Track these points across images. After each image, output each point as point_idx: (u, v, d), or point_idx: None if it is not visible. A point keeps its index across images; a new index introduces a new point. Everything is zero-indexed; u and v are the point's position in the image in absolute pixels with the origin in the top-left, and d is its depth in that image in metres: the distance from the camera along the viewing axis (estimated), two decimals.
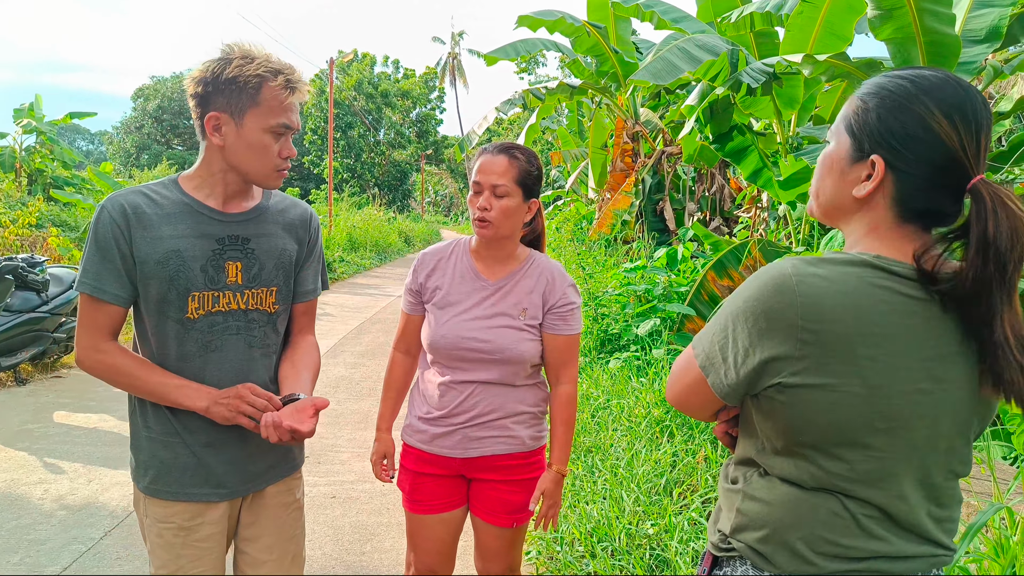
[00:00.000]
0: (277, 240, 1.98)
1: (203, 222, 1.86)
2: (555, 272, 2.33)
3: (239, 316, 1.91)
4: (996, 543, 2.39)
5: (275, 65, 1.78)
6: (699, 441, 4.51)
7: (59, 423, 5.78)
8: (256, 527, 2.04)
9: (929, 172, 1.18)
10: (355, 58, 49.92)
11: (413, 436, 2.38)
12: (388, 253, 24.95)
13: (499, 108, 11.89)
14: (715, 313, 1.28)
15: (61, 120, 15.85)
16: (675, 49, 7.31)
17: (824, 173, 1.32)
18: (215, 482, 1.92)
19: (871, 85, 1.25)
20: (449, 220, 62.10)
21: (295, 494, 2.13)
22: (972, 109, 1.17)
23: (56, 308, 7.03)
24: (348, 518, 4.24)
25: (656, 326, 6.65)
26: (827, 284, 1.15)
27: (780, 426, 1.22)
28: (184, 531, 1.91)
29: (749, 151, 7.36)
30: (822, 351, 1.14)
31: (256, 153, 1.81)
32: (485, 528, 2.38)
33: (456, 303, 2.27)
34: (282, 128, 1.81)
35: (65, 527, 3.99)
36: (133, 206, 1.81)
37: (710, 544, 1.37)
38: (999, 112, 6.59)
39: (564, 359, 2.32)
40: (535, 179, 2.26)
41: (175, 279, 1.81)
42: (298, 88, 1.81)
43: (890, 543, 1.20)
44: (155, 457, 1.91)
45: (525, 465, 2.35)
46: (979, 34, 5.70)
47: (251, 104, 1.76)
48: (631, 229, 12.28)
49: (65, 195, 13.63)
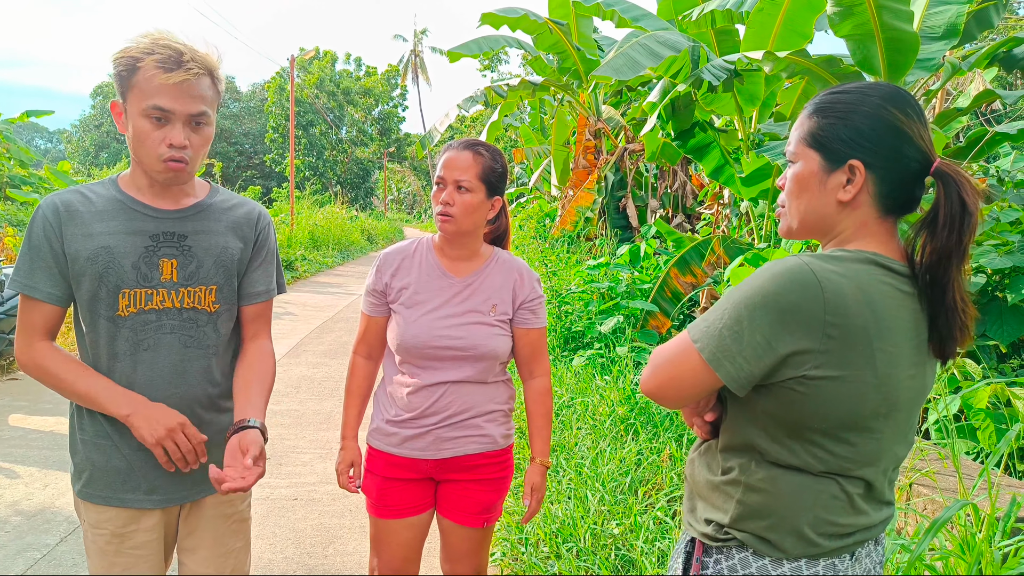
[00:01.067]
0: (218, 238, 1.91)
1: (135, 218, 1.81)
2: (522, 268, 2.34)
3: (174, 315, 1.85)
4: (962, 540, 2.38)
5: (154, 46, 1.68)
6: (663, 439, 4.49)
7: (14, 426, 5.62)
8: (193, 538, 1.98)
9: (902, 164, 1.30)
10: (316, 55, 49.47)
11: (381, 440, 2.31)
12: (351, 251, 24.75)
13: (461, 105, 11.82)
14: (716, 306, 1.30)
15: (18, 118, 15.48)
16: (637, 46, 7.30)
17: (797, 192, 1.38)
18: (147, 488, 1.86)
19: (823, 103, 1.36)
20: (412, 218, 61.84)
21: (236, 506, 2.04)
22: (913, 102, 1.32)
23: (11, 309, 6.87)
24: (310, 520, 4.16)
25: (620, 323, 6.64)
26: (847, 281, 1.23)
27: (795, 415, 1.28)
28: (117, 537, 1.85)
29: (711, 148, 7.38)
30: (844, 344, 1.22)
31: (138, 141, 1.74)
32: (454, 529, 2.34)
33: (424, 301, 2.23)
34: (155, 111, 1.69)
35: (19, 533, 3.86)
36: (66, 203, 1.78)
37: (699, 535, 1.40)
38: (957, 108, 6.67)
39: (536, 352, 2.34)
40: (499, 176, 2.25)
41: (104, 276, 1.76)
42: (178, 68, 1.68)
43: (869, 515, 1.34)
44: (88, 460, 1.86)
45: (496, 464, 2.33)
46: (937, 31, 5.75)
47: (128, 89, 1.71)
48: (594, 226, 12.28)
49: (22, 194, 13.27)
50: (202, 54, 1.75)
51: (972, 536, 2.36)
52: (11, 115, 15.68)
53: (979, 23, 6.28)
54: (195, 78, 1.72)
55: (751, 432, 1.34)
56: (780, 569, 1.31)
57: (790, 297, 1.22)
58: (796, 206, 1.39)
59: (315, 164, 48.29)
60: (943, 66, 6.04)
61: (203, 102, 1.75)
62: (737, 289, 1.29)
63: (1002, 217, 4.58)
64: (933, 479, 2.86)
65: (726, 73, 6.29)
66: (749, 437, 1.35)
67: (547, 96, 13.60)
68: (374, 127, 53.70)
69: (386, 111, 54.36)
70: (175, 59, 1.68)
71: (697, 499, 1.44)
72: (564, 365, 6.46)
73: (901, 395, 1.29)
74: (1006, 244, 4.35)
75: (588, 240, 12.26)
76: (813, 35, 6.85)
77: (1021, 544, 2.32)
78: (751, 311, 1.24)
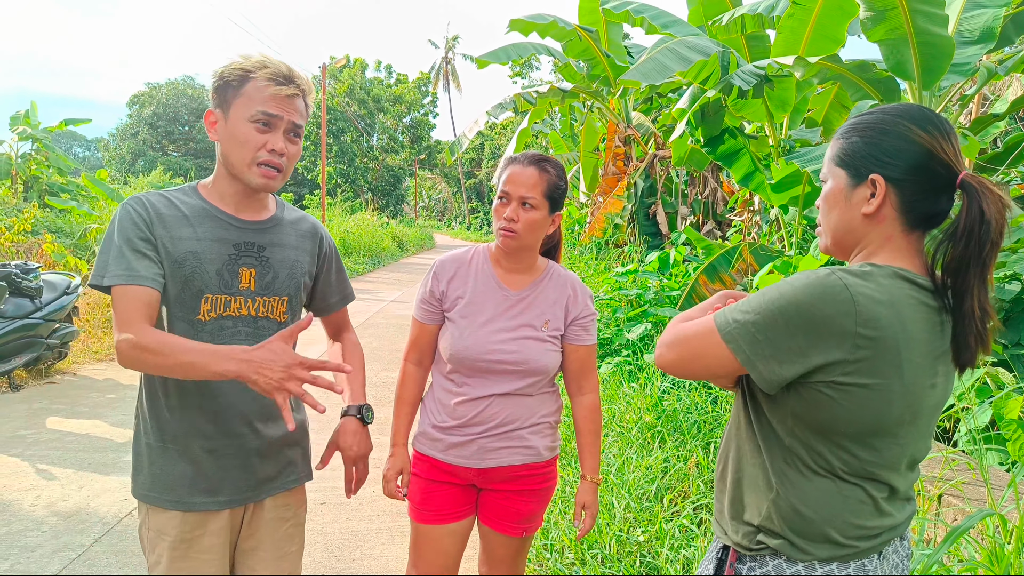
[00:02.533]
0: (291, 251, 1.99)
1: (220, 226, 1.87)
2: (576, 283, 2.33)
3: (249, 322, 1.90)
4: (991, 551, 2.34)
5: (265, 61, 1.82)
6: (690, 447, 4.47)
7: (52, 429, 5.72)
8: (253, 540, 2.01)
9: (922, 176, 1.35)
10: (347, 63, 49.94)
11: (427, 444, 2.32)
12: (381, 258, 24.92)
13: (490, 112, 11.85)
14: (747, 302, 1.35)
15: (56, 127, 15.86)
16: (666, 51, 7.28)
17: (829, 209, 1.47)
18: (213, 490, 1.89)
19: (847, 126, 1.45)
20: (442, 225, 62.10)
21: (293, 509, 2.09)
22: (937, 119, 1.37)
23: (50, 314, 6.99)
24: (338, 524, 4.19)
25: (648, 330, 6.61)
26: (878, 295, 1.28)
27: (823, 417, 1.32)
28: (184, 543, 1.87)
29: (741, 154, 7.33)
30: (874, 354, 1.27)
31: (237, 143, 1.81)
32: (494, 536, 2.35)
33: (479, 313, 2.23)
34: (263, 116, 1.79)
35: (55, 534, 3.93)
36: (152, 204, 1.83)
37: (732, 543, 1.45)
38: (994, 114, 6.56)
39: (586, 369, 2.32)
40: (562, 193, 2.24)
41: (190, 280, 1.81)
42: (286, 83, 1.82)
43: (894, 516, 1.40)
44: (154, 464, 1.88)
45: (539, 475, 2.32)
46: (972, 35, 5.66)
47: (235, 96, 1.80)
48: (623, 233, 12.26)
49: (60, 202, 13.60)
50: (305, 77, 1.88)
51: (1000, 548, 2.32)
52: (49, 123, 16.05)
53: (1016, 26, 6.17)
54: (301, 95, 1.87)
55: (779, 433, 1.39)
56: (812, 573, 1.36)
57: (825, 309, 1.27)
58: (828, 222, 1.47)
59: (346, 171, 48.72)
60: (979, 70, 5.94)
61: (301, 117, 1.88)
62: (771, 291, 1.33)
63: None
64: (962, 490, 2.81)
65: (756, 78, 6.26)
66: (778, 439, 1.39)
67: (577, 103, 13.62)
68: (405, 134, 54.04)
69: (417, 118, 54.67)
70: (285, 75, 1.83)
71: (726, 504, 1.48)
72: None
73: (924, 403, 1.34)
74: None
75: (617, 247, 12.24)
76: (845, 40, 6.78)
77: None
78: (786, 319, 1.30)
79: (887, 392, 1.29)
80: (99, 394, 6.75)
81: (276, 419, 1.99)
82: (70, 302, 7.22)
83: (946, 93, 6.32)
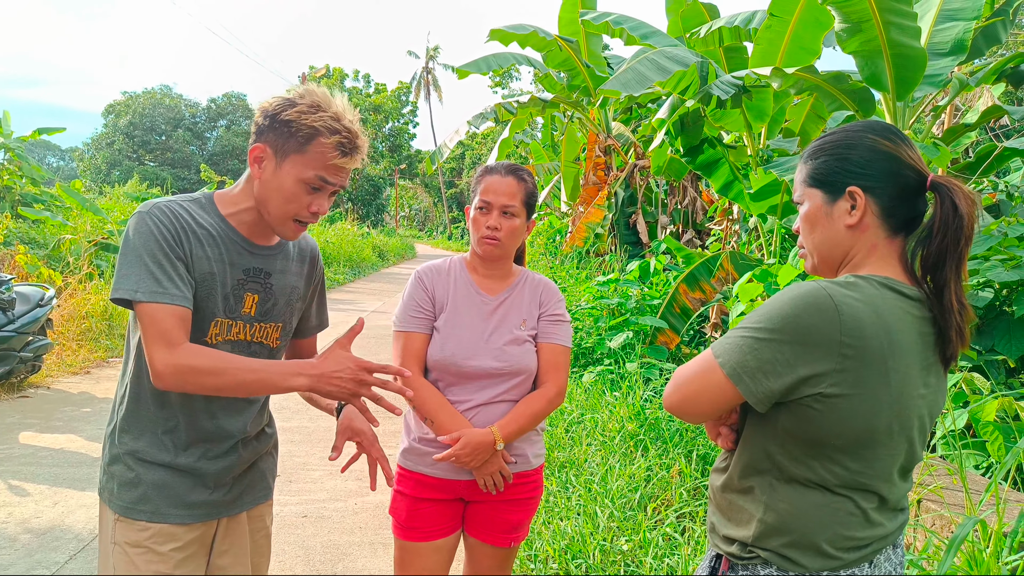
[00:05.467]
0: (291, 278, 1.98)
1: (235, 250, 1.84)
2: (549, 285, 2.40)
3: (243, 347, 1.89)
4: (970, 556, 2.38)
5: (338, 125, 1.75)
6: (673, 455, 4.49)
7: (25, 444, 5.63)
8: (228, 556, 1.99)
9: (895, 181, 1.41)
10: (326, 73, 49.85)
11: (413, 460, 2.30)
12: (362, 268, 24.81)
13: (471, 122, 11.89)
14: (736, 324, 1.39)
15: (29, 136, 15.62)
16: (645, 61, 7.34)
17: (811, 229, 1.50)
18: (187, 503, 1.87)
19: (812, 148, 1.51)
20: (423, 235, 61.97)
21: (265, 521, 2.10)
22: (895, 130, 1.44)
23: (23, 327, 6.84)
24: (319, 538, 4.16)
25: (629, 339, 6.64)
26: (863, 305, 1.31)
27: (813, 431, 1.34)
28: (157, 555, 1.83)
29: (720, 164, 7.40)
30: (860, 364, 1.30)
31: (282, 197, 1.77)
32: (480, 548, 2.35)
33: (460, 320, 2.26)
34: (319, 181, 1.76)
35: (29, 551, 3.87)
36: (181, 216, 1.76)
37: (725, 552, 1.47)
38: (965, 124, 6.67)
39: (555, 365, 2.30)
40: (535, 200, 2.32)
41: (206, 301, 1.79)
42: (353, 154, 1.78)
43: (884, 526, 1.42)
44: (128, 476, 1.84)
45: (528, 484, 2.33)
46: (944, 47, 5.77)
47: (296, 151, 1.74)
48: (604, 242, 12.31)
49: (33, 212, 13.39)
50: (365, 140, 1.83)
51: (980, 552, 2.35)
52: (22, 133, 15.80)
53: (987, 39, 6.29)
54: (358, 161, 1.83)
55: (770, 449, 1.41)
56: None
57: (809, 320, 1.30)
58: (811, 242, 1.51)
59: None
60: (951, 82, 6.05)
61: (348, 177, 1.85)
62: (759, 310, 1.37)
63: (1010, 232, 4.58)
64: (940, 495, 2.85)
65: (734, 89, 6.32)
66: (768, 454, 1.41)
67: (557, 113, 13.67)
68: (384, 144, 53.95)
69: (396, 128, 54.64)
70: (352, 144, 1.77)
71: (719, 516, 1.50)
72: (574, 381, 6.46)
73: (913, 412, 1.37)
74: (1014, 259, 4.35)
75: (598, 256, 12.28)
76: (821, 51, 6.87)
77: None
78: (771, 332, 1.32)
79: (874, 402, 1.31)
80: (74, 408, 6.66)
81: (256, 435, 1.99)
82: (43, 314, 7.08)
83: (919, 104, 6.42)
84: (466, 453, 2.13)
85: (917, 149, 1.43)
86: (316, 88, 1.78)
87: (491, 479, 2.21)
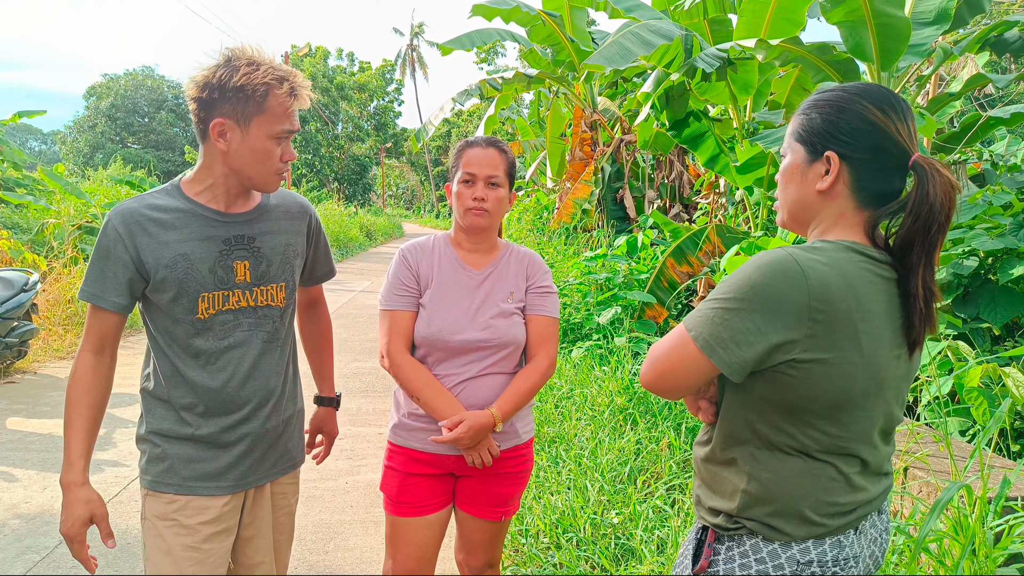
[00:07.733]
0: (281, 236, 2.03)
1: (207, 225, 1.89)
2: (534, 257, 2.42)
3: (249, 312, 1.95)
4: (955, 521, 2.41)
5: (280, 72, 1.81)
6: (662, 428, 4.51)
7: (12, 430, 5.62)
8: (252, 527, 2.06)
9: (876, 155, 1.38)
10: (309, 52, 49.36)
11: (403, 435, 2.31)
12: (349, 248, 24.75)
13: (456, 99, 11.79)
14: (708, 297, 1.38)
15: (10, 120, 15.42)
16: (629, 34, 7.29)
17: (786, 183, 1.50)
18: (217, 474, 1.95)
19: (809, 102, 1.48)
20: (411, 213, 61.77)
21: (289, 499, 2.17)
22: (895, 100, 1.40)
23: (7, 312, 6.81)
24: (311, 517, 4.18)
25: (617, 314, 6.66)
26: (829, 269, 1.31)
27: (789, 397, 1.35)
28: (185, 528, 1.91)
29: (706, 137, 7.38)
30: (830, 328, 1.30)
31: (259, 158, 1.84)
32: (471, 522, 2.37)
33: (446, 295, 2.27)
34: (285, 133, 1.84)
35: (18, 536, 3.88)
36: (135, 214, 1.84)
37: (711, 524, 1.47)
38: (950, 93, 6.67)
39: (545, 337, 2.33)
40: (515, 171, 2.36)
41: (185, 281, 1.85)
42: (301, 94, 1.85)
43: (868, 490, 1.42)
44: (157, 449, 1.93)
45: (518, 457, 2.35)
46: (928, 16, 5.76)
47: (257, 112, 1.79)
48: (591, 218, 12.30)
49: (16, 197, 13.25)
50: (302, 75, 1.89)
51: (965, 517, 2.38)
52: (3, 117, 15.59)
53: (970, 8, 6.27)
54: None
55: (750, 418, 1.41)
56: (789, 552, 1.38)
57: (777, 287, 1.29)
58: (784, 196, 1.51)
59: (311, 161, 48.20)
60: (935, 51, 6.05)
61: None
62: (727, 280, 1.36)
63: (994, 200, 4.60)
64: (926, 462, 2.88)
65: (719, 61, 6.29)
66: (748, 424, 1.41)
67: (542, 88, 13.60)
68: (369, 122, 53.60)
69: (381, 106, 54.26)
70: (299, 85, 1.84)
71: (704, 489, 1.51)
72: (563, 357, 6.49)
73: (887, 374, 1.37)
74: (998, 227, 4.37)
75: (586, 232, 12.27)
76: (805, 23, 6.84)
77: (1013, 523, 2.35)
78: (740, 302, 1.32)
79: (847, 365, 1.32)
80: (61, 392, 6.62)
81: (275, 402, 2.04)
82: (28, 299, 7.03)
83: (904, 74, 6.41)
84: (468, 436, 2.15)
85: (912, 123, 1.40)
86: (236, 48, 1.82)
87: (479, 456, 2.22)
